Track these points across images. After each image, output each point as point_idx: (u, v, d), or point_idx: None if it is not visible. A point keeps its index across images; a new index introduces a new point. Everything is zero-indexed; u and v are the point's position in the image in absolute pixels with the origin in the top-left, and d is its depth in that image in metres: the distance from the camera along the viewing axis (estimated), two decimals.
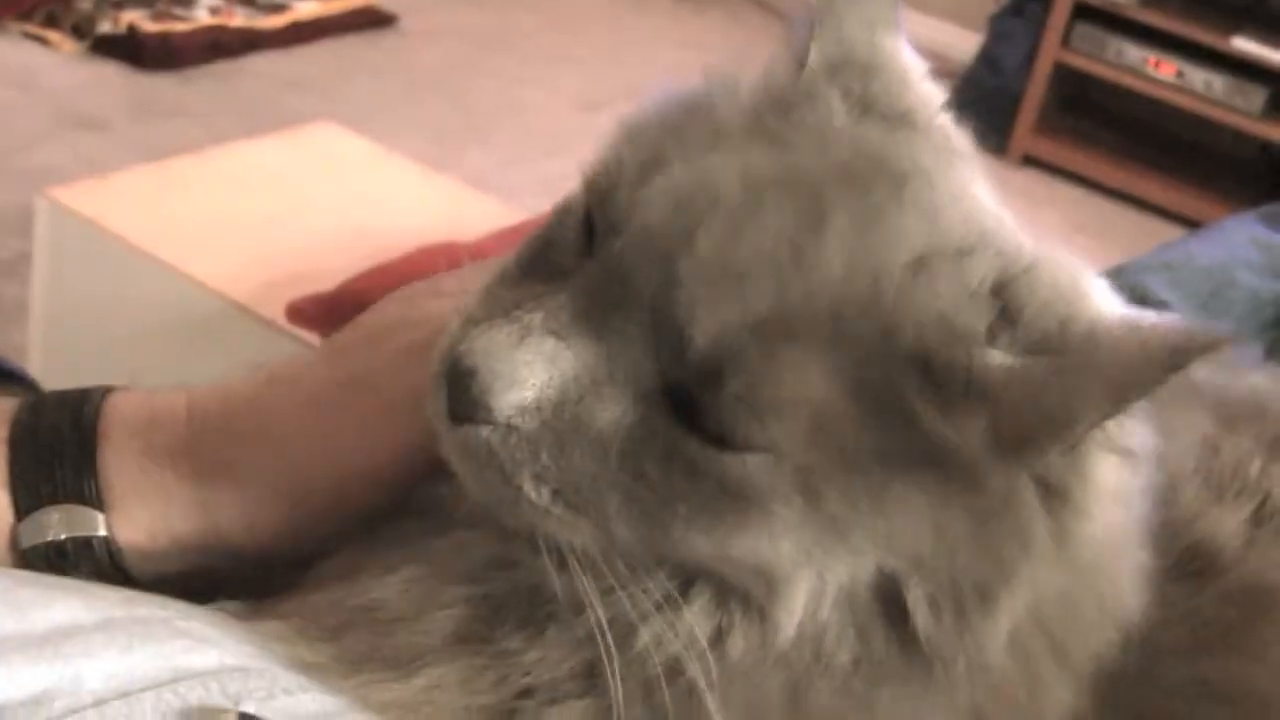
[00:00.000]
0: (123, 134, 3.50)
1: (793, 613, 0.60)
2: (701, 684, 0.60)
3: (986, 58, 4.98)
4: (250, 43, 4.20)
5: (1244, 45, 4.54)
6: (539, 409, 0.58)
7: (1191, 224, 4.16)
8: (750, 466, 0.57)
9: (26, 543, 0.71)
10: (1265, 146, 4.70)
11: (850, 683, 0.61)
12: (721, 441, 0.57)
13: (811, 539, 0.59)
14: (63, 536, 0.71)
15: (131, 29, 3.96)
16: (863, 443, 0.57)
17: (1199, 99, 4.63)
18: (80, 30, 3.93)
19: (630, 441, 0.59)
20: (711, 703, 0.60)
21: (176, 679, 0.61)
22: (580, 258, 0.62)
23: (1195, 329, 0.54)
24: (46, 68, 3.82)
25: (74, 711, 0.58)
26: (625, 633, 0.61)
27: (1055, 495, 0.60)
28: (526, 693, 0.63)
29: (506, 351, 0.58)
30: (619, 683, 0.60)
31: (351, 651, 0.66)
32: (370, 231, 1.86)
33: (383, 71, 4.33)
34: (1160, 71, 4.66)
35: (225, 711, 0.60)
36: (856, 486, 0.58)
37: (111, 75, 3.86)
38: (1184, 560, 0.71)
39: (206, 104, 3.79)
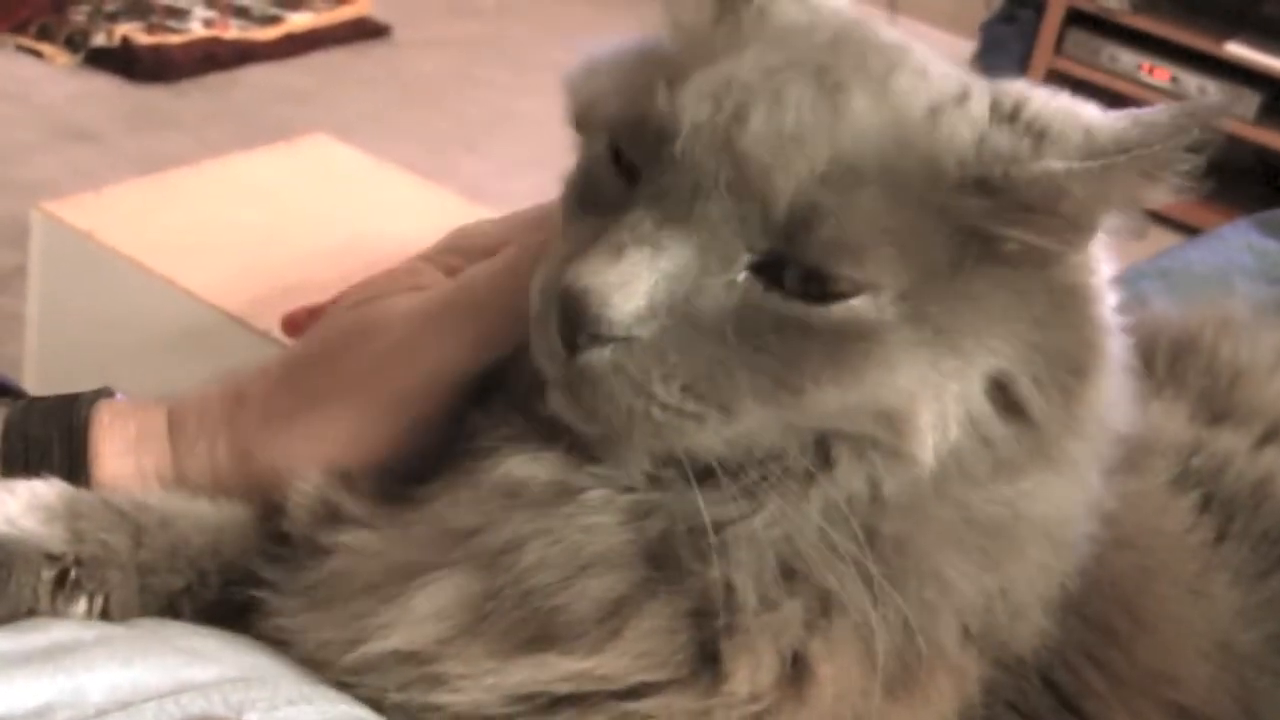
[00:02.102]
0: (117, 146, 3.51)
1: (925, 444, 0.66)
2: (889, 533, 0.65)
3: (980, 65, 4.98)
4: (244, 54, 4.21)
5: (1238, 50, 4.55)
6: (653, 314, 0.62)
7: (1187, 230, 4.14)
8: (857, 308, 0.63)
9: None
10: (1261, 152, 4.71)
11: (997, 487, 0.68)
12: (824, 295, 0.63)
13: (926, 362, 0.65)
14: None
15: (125, 41, 3.97)
16: (943, 258, 0.64)
17: None
18: (74, 43, 3.93)
19: (742, 320, 0.63)
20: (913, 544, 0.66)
21: (178, 690, 0.61)
22: (626, 187, 0.66)
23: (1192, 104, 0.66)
24: (41, 80, 3.82)
25: None
26: (796, 510, 0.66)
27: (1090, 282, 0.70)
28: (730, 609, 0.66)
29: (610, 267, 0.62)
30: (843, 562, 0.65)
31: (509, 636, 0.67)
32: (365, 242, 1.85)
33: (376, 82, 4.34)
34: (1154, 77, 4.68)
35: None
36: (950, 297, 0.65)
37: (105, 87, 3.86)
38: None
39: (201, 116, 3.80)
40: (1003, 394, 0.66)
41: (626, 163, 0.67)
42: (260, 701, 0.62)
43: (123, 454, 0.78)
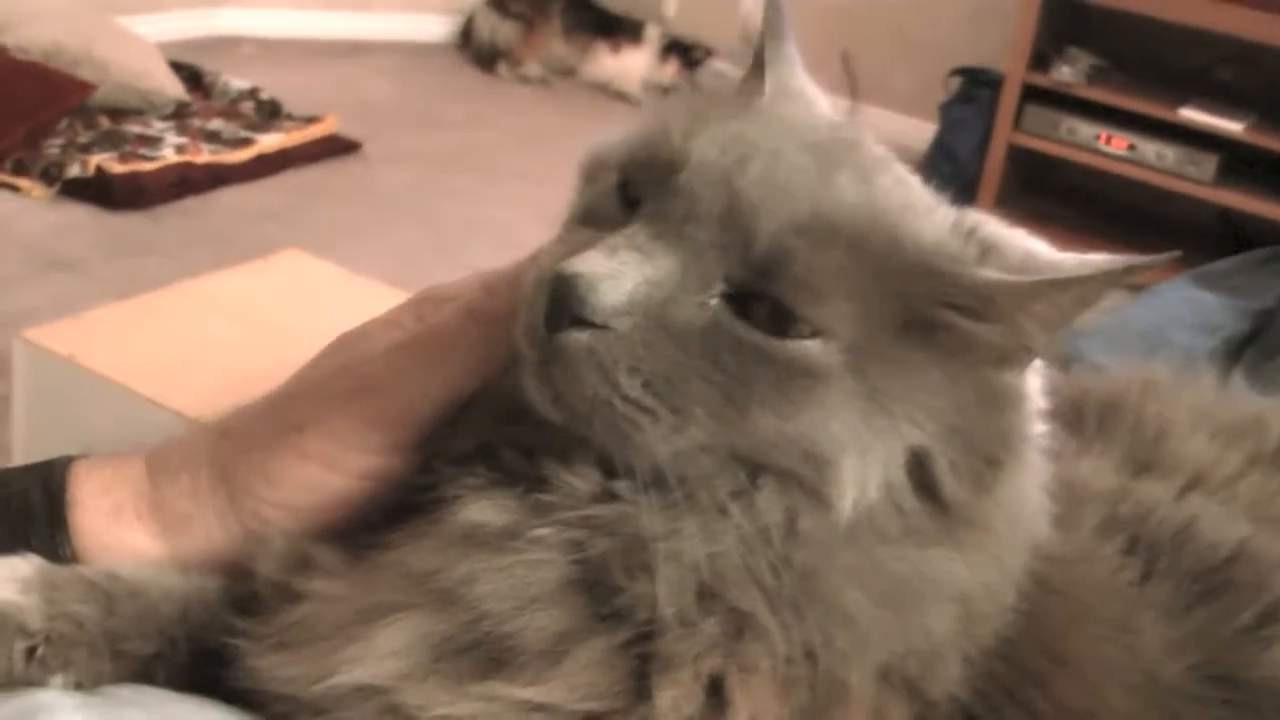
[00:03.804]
0: (96, 274, 3.54)
1: (845, 494, 0.70)
2: (801, 563, 0.70)
3: (942, 145, 5.08)
4: (218, 177, 4.26)
5: (1192, 115, 4.64)
6: (631, 311, 0.69)
7: None
8: (809, 348, 0.69)
9: None
10: (1223, 212, 4.78)
11: (905, 549, 0.72)
12: (783, 330, 0.69)
13: (859, 415, 0.70)
14: None
15: (100, 171, 4.02)
16: (891, 325, 0.70)
17: (1153, 170, 4.73)
18: (50, 175, 3.97)
19: (707, 337, 0.70)
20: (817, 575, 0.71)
21: None
22: (627, 211, 0.74)
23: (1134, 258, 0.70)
24: (17, 214, 3.86)
25: None
26: (718, 531, 0.71)
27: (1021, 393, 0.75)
28: (656, 633, 0.71)
29: (602, 261, 0.69)
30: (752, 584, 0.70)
31: (463, 668, 0.72)
32: None
33: (349, 198, 4.40)
34: (1113, 146, 4.77)
35: None
36: (891, 361, 0.70)
37: (82, 217, 3.91)
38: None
39: (177, 240, 3.84)
40: (919, 469, 0.72)
41: (631, 194, 0.75)
42: None
43: (99, 495, 0.82)
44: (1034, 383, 0.77)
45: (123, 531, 0.82)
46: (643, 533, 0.71)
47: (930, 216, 0.74)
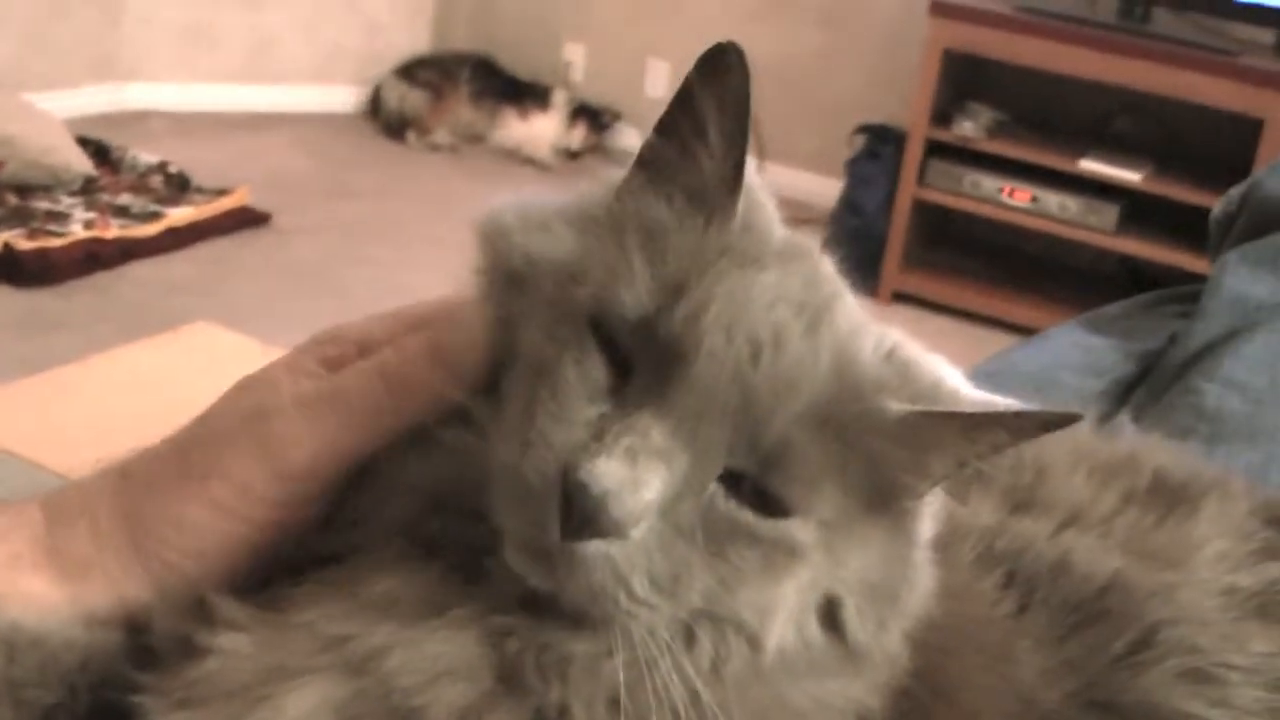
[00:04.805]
0: (6, 351, 3.48)
1: (774, 635, 0.73)
2: (711, 704, 0.71)
3: (848, 202, 5.15)
4: (127, 252, 4.25)
5: (1092, 166, 4.75)
6: (647, 517, 0.69)
7: None
8: (793, 528, 0.71)
9: None
10: (1126, 259, 4.87)
11: (808, 683, 0.75)
12: (771, 511, 0.70)
13: (809, 579, 0.72)
14: None
15: (8, 247, 4.00)
16: (857, 497, 0.72)
17: (1055, 220, 4.82)
18: None
19: (708, 526, 0.70)
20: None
21: None
22: (616, 377, 0.73)
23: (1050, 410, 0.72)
24: None
25: None
26: (646, 669, 0.71)
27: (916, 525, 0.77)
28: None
29: (624, 471, 0.67)
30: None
31: None
32: None
33: (261, 269, 4.40)
34: (1015, 199, 4.86)
35: None
36: (851, 533, 0.73)
37: None
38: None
39: (88, 315, 3.81)
40: (828, 611, 0.74)
41: (618, 354, 0.73)
42: None
43: None
44: (934, 507, 0.79)
45: (20, 579, 0.80)
46: (567, 650, 0.72)
47: (866, 339, 0.75)
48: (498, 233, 0.81)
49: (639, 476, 0.68)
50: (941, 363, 0.78)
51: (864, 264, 4.83)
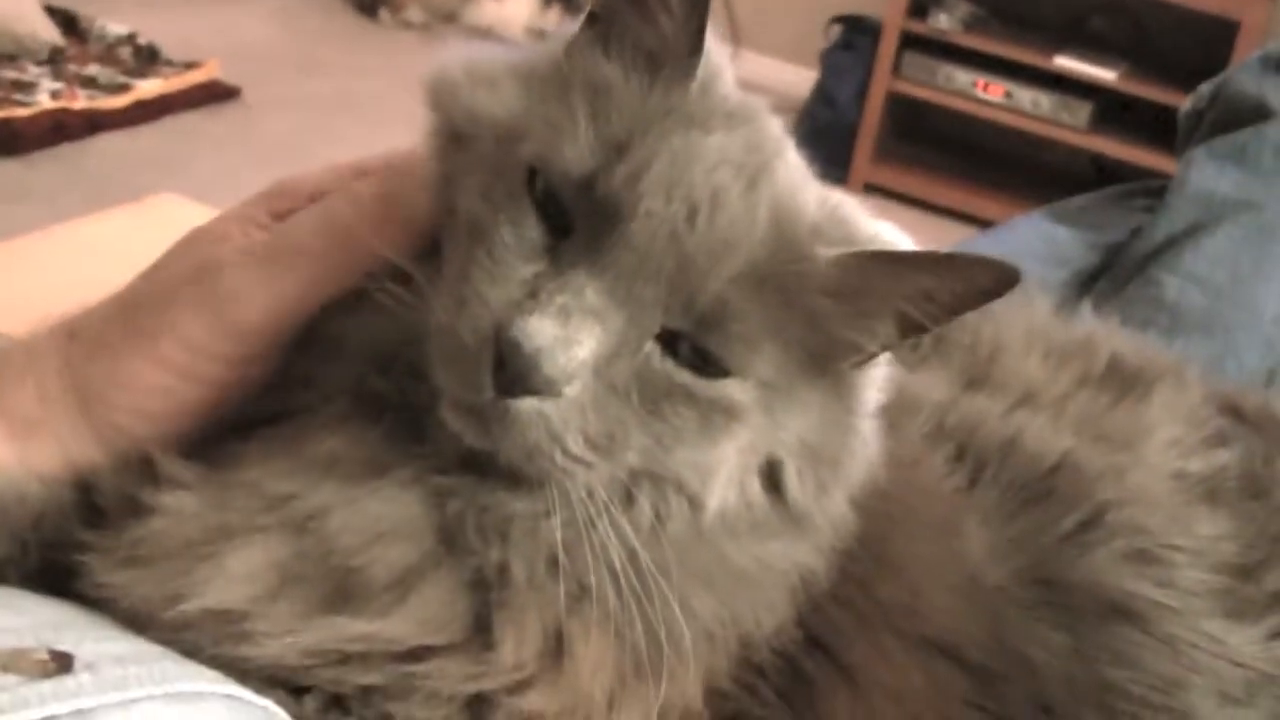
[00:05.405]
0: None
1: (715, 494, 0.74)
2: (649, 562, 0.72)
3: (821, 92, 5.12)
4: (94, 124, 4.20)
5: (1066, 63, 4.73)
6: (581, 375, 0.69)
7: None
8: (731, 389, 0.72)
9: None
10: (1097, 158, 4.87)
11: (751, 544, 0.77)
12: (710, 372, 0.71)
13: (748, 441, 0.74)
14: None
15: None
16: (797, 358, 0.73)
17: (1028, 117, 4.81)
18: None
19: (643, 385, 0.71)
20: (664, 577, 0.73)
21: None
22: (552, 232, 0.72)
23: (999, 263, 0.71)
24: None
25: None
26: (585, 529, 0.72)
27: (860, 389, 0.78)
28: (502, 585, 0.73)
29: (557, 330, 0.68)
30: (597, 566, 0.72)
31: (310, 598, 0.73)
32: None
33: (229, 144, 4.35)
34: (989, 93, 4.84)
35: (35, 650, 0.64)
36: (789, 394, 0.74)
37: None
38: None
39: (52, 187, 3.79)
40: (770, 473, 0.76)
41: (556, 209, 0.73)
42: (69, 637, 0.66)
43: None
44: (880, 375, 0.80)
45: None
46: (507, 510, 0.73)
47: (807, 197, 0.76)
48: (445, 89, 0.80)
49: (571, 334, 0.68)
50: (887, 225, 0.78)
51: (836, 155, 4.83)
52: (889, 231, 0.78)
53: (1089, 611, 0.84)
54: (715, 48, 0.76)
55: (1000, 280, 0.71)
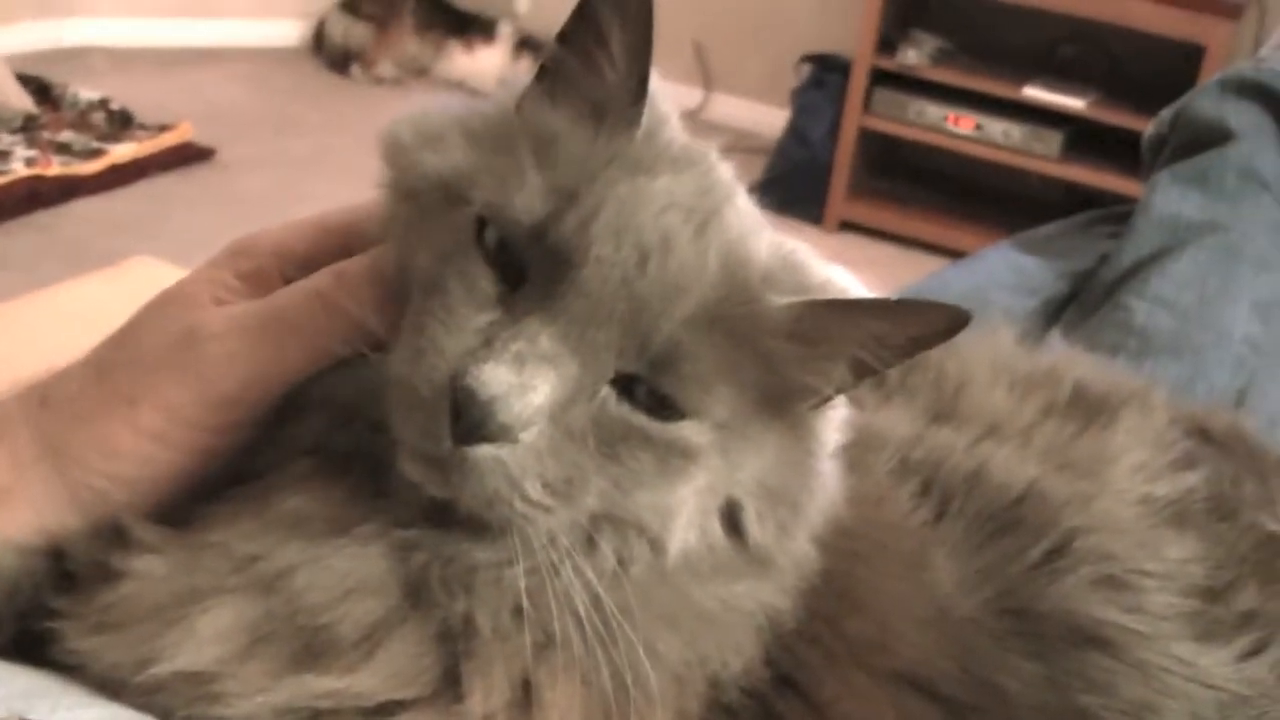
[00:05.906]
0: None
1: (676, 537, 0.75)
2: (612, 607, 0.73)
3: (794, 131, 5.13)
4: (69, 190, 4.22)
5: (1036, 93, 4.77)
6: (537, 422, 0.70)
7: None
8: (687, 430, 0.73)
9: None
10: (1070, 187, 4.89)
11: (714, 585, 0.77)
12: (666, 414, 0.72)
13: (706, 482, 0.74)
14: None
15: None
16: (752, 399, 0.74)
17: (999, 148, 4.84)
18: None
19: (600, 429, 0.72)
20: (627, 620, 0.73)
21: None
22: (502, 281, 0.73)
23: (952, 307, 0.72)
24: None
25: None
26: (548, 576, 0.73)
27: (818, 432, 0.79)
28: (469, 636, 0.73)
29: (512, 378, 0.69)
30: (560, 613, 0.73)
31: (280, 656, 0.73)
32: None
33: (204, 205, 4.37)
34: (960, 126, 4.87)
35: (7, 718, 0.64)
36: (745, 435, 0.74)
37: None
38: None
39: (29, 254, 3.80)
40: (730, 515, 0.77)
41: (508, 258, 0.73)
42: (41, 706, 0.67)
43: None
44: (839, 417, 0.80)
45: None
46: (470, 561, 0.73)
47: (758, 242, 0.77)
48: (394, 147, 0.81)
49: (526, 381, 0.69)
50: (840, 270, 0.79)
51: (810, 193, 4.82)
52: (842, 277, 0.78)
53: (1059, 639, 0.84)
54: (660, 95, 0.77)
55: (951, 322, 0.72)
